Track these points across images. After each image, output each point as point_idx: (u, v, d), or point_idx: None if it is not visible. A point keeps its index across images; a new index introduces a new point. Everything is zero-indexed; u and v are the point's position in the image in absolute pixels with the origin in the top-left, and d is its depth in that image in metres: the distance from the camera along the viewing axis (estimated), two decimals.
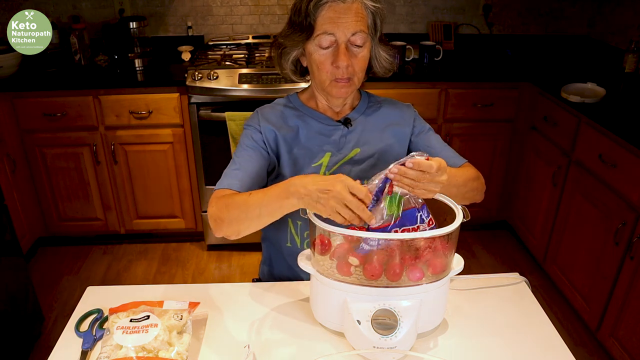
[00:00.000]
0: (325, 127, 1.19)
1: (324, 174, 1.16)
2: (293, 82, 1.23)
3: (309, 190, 0.88)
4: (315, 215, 0.90)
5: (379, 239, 0.89)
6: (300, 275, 1.21)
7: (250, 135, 1.17)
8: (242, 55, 2.61)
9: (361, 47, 1.08)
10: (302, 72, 1.20)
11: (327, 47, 1.07)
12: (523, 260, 2.64)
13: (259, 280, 1.38)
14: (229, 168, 1.13)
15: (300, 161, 1.16)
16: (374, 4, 1.08)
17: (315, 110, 1.21)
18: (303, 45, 1.11)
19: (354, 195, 0.85)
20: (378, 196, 0.89)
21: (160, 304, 0.99)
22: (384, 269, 0.90)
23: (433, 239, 0.90)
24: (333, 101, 1.18)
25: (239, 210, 0.99)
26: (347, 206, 0.85)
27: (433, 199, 0.97)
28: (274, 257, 1.31)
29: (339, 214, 0.86)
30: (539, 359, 0.94)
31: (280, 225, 1.20)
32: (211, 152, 2.42)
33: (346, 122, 1.20)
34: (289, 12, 1.13)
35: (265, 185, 1.16)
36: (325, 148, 1.18)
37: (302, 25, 1.08)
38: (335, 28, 1.04)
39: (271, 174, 1.20)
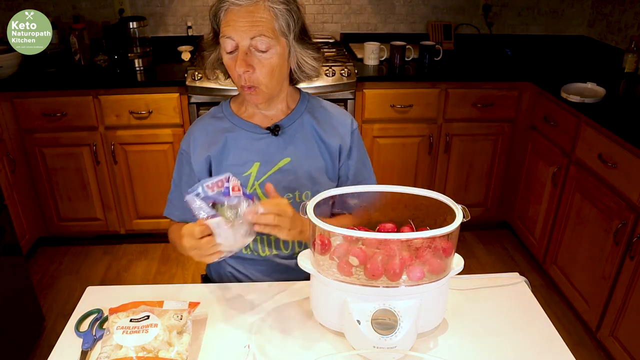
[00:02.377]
0: (253, 136, 1.15)
1: (253, 184, 1.15)
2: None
3: (185, 249, 0.95)
4: (315, 215, 0.90)
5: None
6: (248, 277, 1.24)
7: (182, 162, 1.20)
8: None
9: (265, 52, 1.02)
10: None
11: (232, 52, 1.03)
12: (523, 260, 2.64)
13: (206, 277, 1.39)
14: (170, 193, 1.24)
15: (230, 172, 1.13)
16: (280, 6, 1.01)
17: (244, 117, 1.17)
18: (217, 50, 1.08)
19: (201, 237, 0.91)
20: (214, 215, 0.91)
21: (160, 304, 0.99)
22: (384, 269, 0.90)
23: (433, 238, 0.90)
24: (257, 105, 1.14)
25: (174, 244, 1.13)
26: (201, 249, 0.92)
27: (433, 199, 0.97)
28: (213, 265, 1.34)
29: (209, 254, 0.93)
30: (539, 359, 0.94)
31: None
32: None
33: (275, 130, 1.15)
34: None
35: None
36: (254, 158, 1.15)
37: (213, 29, 1.07)
38: (232, 32, 1.00)
39: None
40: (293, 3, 1.05)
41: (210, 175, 1.17)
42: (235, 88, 1.12)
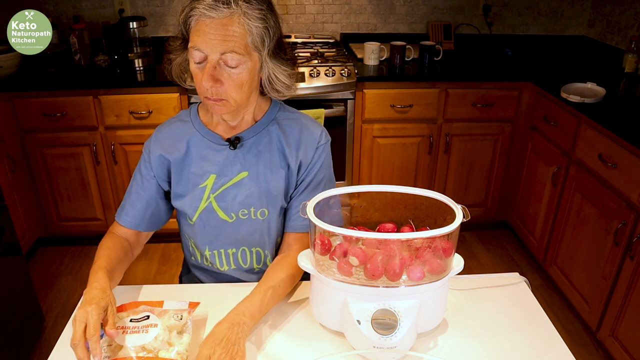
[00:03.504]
0: (212, 146, 1.11)
1: (208, 197, 1.13)
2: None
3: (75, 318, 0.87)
4: (315, 214, 0.90)
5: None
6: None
7: (141, 163, 1.15)
8: None
9: (235, 68, 0.97)
10: None
11: (200, 62, 0.98)
12: (523, 260, 2.64)
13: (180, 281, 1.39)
14: (125, 197, 1.16)
15: (190, 183, 1.13)
16: (256, 23, 0.96)
17: (209, 125, 1.13)
18: (183, 55, 1.04)
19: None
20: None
21: (160, 304, 0.99)
22: (384, 269, 0.90)
23: (433, 238, 0.90)
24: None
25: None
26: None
27: (433, 199, 0.97)
28: (184, 270, 1.35)
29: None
30: (539, 359, 0.94)
31: (184, 240, 1.25)
32: None
33: (234, 142, 1.11)
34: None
35: (170, 208, 1.21)
36: (210, 169, 1.11)
37: (182, 33, 1.01)
38: (203, 44, 0.95)
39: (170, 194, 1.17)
40: (271, 19, 0.99)
41: (170, 179, 1.15)
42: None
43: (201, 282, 1.26)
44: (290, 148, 1.12)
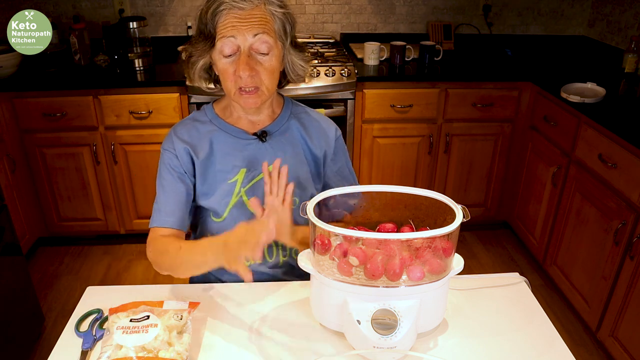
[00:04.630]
0: (239, 142, 1.14)
1: (239, 191, 1.13)
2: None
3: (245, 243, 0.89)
4: (315, 214, 0.90)
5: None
6: (222, 279, 1.23)
7: (168, 163, 1.12)
8: None
9: (267, 54, 1.02)
10: (217, 79, 1.13)
11: (230, 55, 1.01)
12: (523, 260, 2.64)
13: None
14: (156, 202, 1.13)
15: (216, 180, 1.13)
16: (279, 10, 1.03)
17: (229, 122, 1.15)
18: (208, 54, 1.06)
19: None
20: None
21: (160, 304, 0.99)
22: (384, 269, 0.90)
23: (433, 238, 0.90)
24: (247, 110, 1.12)
25: (171, 260, 1.04)
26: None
27: (433, 199, 0.97)
28: (202, 276, 1.31)
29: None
30: (539, 359, 0.94)
31: None
32: None
33: (261, 136, 1.14)
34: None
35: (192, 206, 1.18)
36: (240, 164, 1.13)
37: (204, 33, 1.03)
38: (234, 31, 0.99)
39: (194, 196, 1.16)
40: (289, 9, 1.06)
41: (195, 177, 1.14)
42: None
43: (220, 281, 1.24)
44: (312, 139, 1.18)
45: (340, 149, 1.23)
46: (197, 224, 1.24)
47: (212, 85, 1.17)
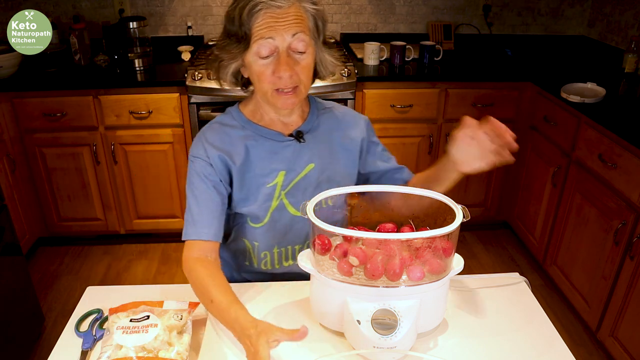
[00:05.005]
0: (276, 144, 1.11)
1: (280, 194, 1.12)
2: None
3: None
4: (315, 214, 0.90)
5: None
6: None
7: (201, 171, 1.07)
8: None
9: (304, 53, 1.00)
10: (245, 82, 1.11)
11: (267, 57, 0.98)
12: (523, 260, 2.64)
13: None
14: (189, 213, 1.07)
15: (254, 183, 1.10)
16: (313, 7, 1.01)
17: (262, 125, 1.12)
18: (241, 57, 1.02)
19: None
20: None
21: (160, 304, 0.99)
22: (384, 269, 0.90)
23: (433, 238, 0.90)
24: (280, 111, 1.09)
25: (200, 295, 0.99)
26: None
27: (433, 199, 0.97)
28: (229, 276, 1.29)
29: None
30: (539, 359, 0.94)
31: (238, 247, 1.20)
32: None
33: (298, 136, 1.12)
34: (224, 22, 1.03)
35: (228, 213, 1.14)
36: (279, 167, 1.11)
37: (237, 35, 0.99)
38: (272, 32, 0.96)
39: (229, 203, 1.13)
40: (321, 5, 1.06)
41: (231, 182, 1.11)
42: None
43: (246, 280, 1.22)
44: (344, 133, 1.17)
45: (373, 132, 1.22)
46: (230, 230, 1.20)
47: (238, 88, 1.13)
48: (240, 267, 1.24)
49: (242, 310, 0.90)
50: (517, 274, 1.17)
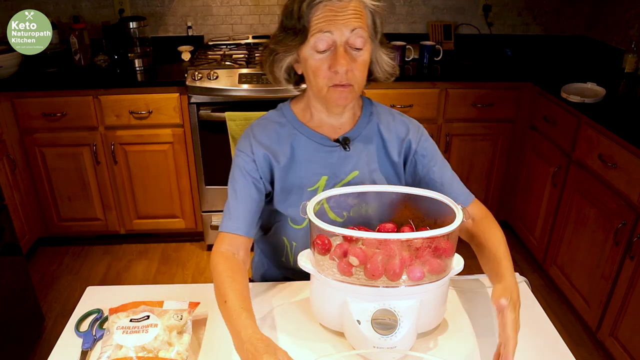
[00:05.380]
0: (321, 148, 1.09)
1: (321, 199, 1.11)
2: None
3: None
4: (316, 215, 0.90)
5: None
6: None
7: (243, 166, 1.08)
8: (242, 55, 2.61)
9: (361, 49, 0.98)
10: (297, 80, 1.11)
11: (324, 51, 0.97)
12: (523, 260, 2.64)
13: (251, 281, 1.37)
14: (227, 205, 1.07)
15: (296, 185, 1.09)
16: (373, 3, 0.99)
17: (311, 127, 1.10)
18: (297, 51, 1.02)
19: None
20: None
21: (160, 304, 0.99)
22: (384, 269, 0.90)
23: (433, 238, 0.90)
24: (332, 109, 1.08)
25: (217, 293, 0.96)
26: None
27: (432, 199, 0.97)
28: (267, 268, 1.30)
29: None
30: (539, 359, 0.94)
31: (277, 243, 1.20)
32: (211, 152, 2.42)
33: (344, 142, 1.10)
34: (280, 16, 1.03)
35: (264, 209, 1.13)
36: (322, 171, 1.09)
37: (295, 28, 0.98)
38: (331, 26, 0.95)
39: (266, 198, 1.13)
40: (381, 1, 1.02)
41: (272, 182, 1.10)
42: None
43: (289, 279, 1.20)
44: (392, 142, 1.13)
45: (426, 149, 1.16)
46: (271, 225, 1.19)
47: (290, 86, 1.12)
48: (277, 262, 1.24)
49: (251, 320, 0.87)
50: (517, 274, 1.17)
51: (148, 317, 0.93)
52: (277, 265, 1.26)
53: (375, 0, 1.00)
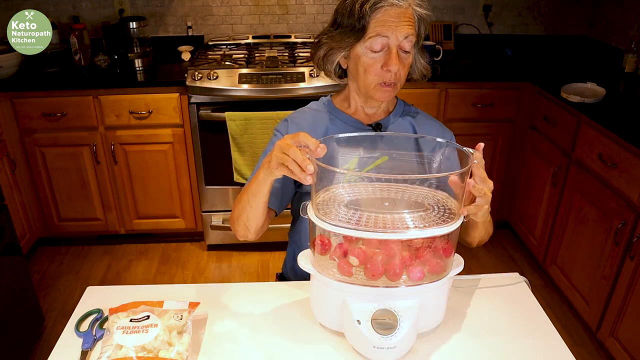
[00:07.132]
0: (355, 131, 1.18)
1: (350, 178, 1.15)
2: (294, 82, 1.21)
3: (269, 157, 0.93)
4: (316, 215, 0.90)
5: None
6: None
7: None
8: (242, 55, 2.61)
9: (409, 53, 1.09)
10: (340, 74, 1.20)
11: (378, 51, 1.07)
12: (523, 260, 2.64)
13: (282, 275, 1.41)
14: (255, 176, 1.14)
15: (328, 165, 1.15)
16: (424, 11, 1.08)
17: (347, 112, 1.20)
18: (350, 48, 1.10)
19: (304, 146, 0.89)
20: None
21: (160, 304, 0.99)
22: (384, 269, 0.90)
23: (433, 238, 0.90)
24: (371, 103, 1.17)
25: (238, 203, 1.07)
26: (289, 156, 0.88)
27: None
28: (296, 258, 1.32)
29: (284, 165, 0.89)
30: (539, 359, 0.94)
31: (305, 229, 1.24)
32: (211, 152, 2.42)
33: (377, 127, 1.19)
34: (335, 13, 1.12)
35: (294, 195, 1.23)
36: (354, 152, 1.15)
37: (353, 27, 1.07)
38: (389, 31, 1.04)
39: (297, 182, 1.19)
40: (429, 10, 1.11)
41: None
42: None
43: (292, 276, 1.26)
44: (422, 140, 1.18)
45: (454, 158, 1.15)
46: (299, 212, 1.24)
47: (336, 79, 1.20)
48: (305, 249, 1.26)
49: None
50: (517, 274, 1.17)
51: (148, 317, 0.93)
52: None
53: (425, 9, 1.09)
